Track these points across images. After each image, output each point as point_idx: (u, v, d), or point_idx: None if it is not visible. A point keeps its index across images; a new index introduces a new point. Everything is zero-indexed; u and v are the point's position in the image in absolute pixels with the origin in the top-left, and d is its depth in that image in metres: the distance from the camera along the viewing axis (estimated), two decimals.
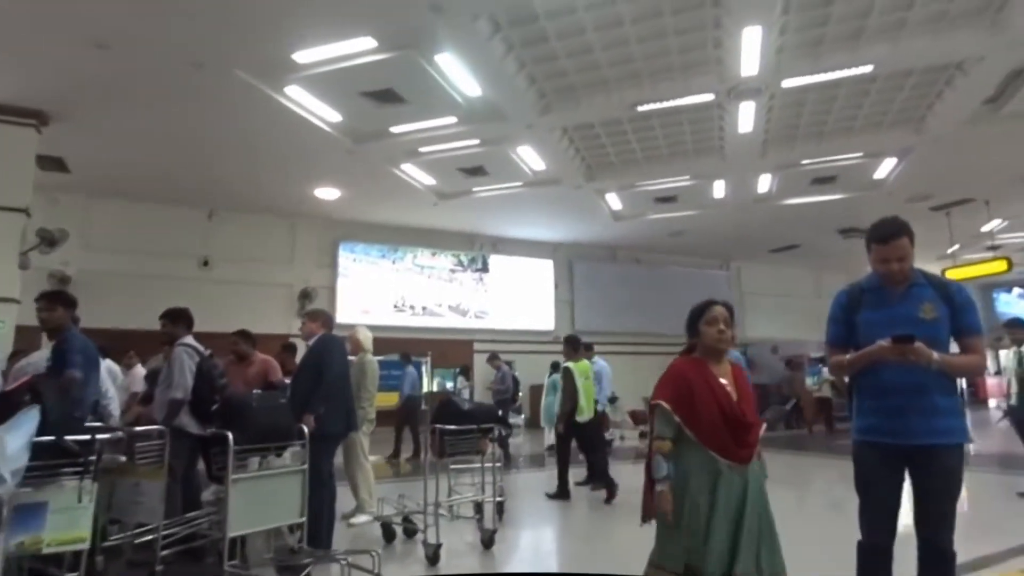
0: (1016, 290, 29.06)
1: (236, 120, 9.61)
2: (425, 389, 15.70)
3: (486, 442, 4.85)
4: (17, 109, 9.34)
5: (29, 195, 9.55)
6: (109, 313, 13.09)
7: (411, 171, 12.06)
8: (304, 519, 4.18)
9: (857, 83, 9.22)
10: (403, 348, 15.93)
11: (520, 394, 15.91)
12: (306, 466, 4.24)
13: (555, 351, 17.63)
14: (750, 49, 7.81)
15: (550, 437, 10.62)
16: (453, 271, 16.70)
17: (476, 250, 17.06)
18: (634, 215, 15.01)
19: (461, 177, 12.36)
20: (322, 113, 9.39)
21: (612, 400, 11.62)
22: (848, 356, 2.72)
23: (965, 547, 2.76)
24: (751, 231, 16.77)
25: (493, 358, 10.58)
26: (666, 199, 13.92)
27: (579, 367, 6.73)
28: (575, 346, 7.04)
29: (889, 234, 2.64)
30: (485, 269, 17.07)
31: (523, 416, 15.96)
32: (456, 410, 4.81)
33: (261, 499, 3.92)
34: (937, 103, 9.98)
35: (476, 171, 12.02)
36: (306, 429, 4.38)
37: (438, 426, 4.78)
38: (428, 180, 12.57)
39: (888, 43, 8.14)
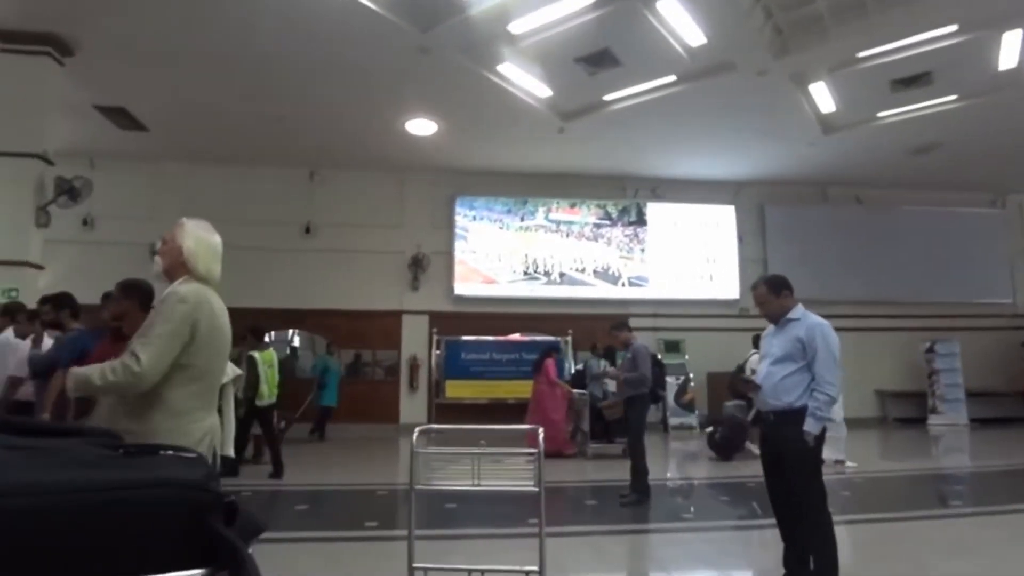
0: None
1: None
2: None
3: None
4: (23, 35, 7.71)
5: (43, 137, 8.05)
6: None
7: (514, 76, 8.68)
8: None
9: None
10: (536, 324, 12.75)
11: (691, 384, 11.84)
12: None
13: (744, 327, 13.31)
14: None
15: None
16: (599, 226, 13.00)
17: (628, 198, 13.16)
18: (856, 120, 10.12)
19: (584, 76, 8.67)
20: None
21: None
22: None
23: None
24: None
25: (619, 328, 6.58)
26: (911, 80, 8.92)
27: (264, 356, 7.12)
28: (259, 335, 7.47)
29: None
30: (641, 222, 13.11)
31: (696, 414, 11.83)
32: None
33: None
34: None
35: (602, 60, 8.26)
36: None
37: None
38: (541, 90, 9.08)
39: None
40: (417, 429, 3.49)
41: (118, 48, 8.04)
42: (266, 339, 8.22)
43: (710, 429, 8.74)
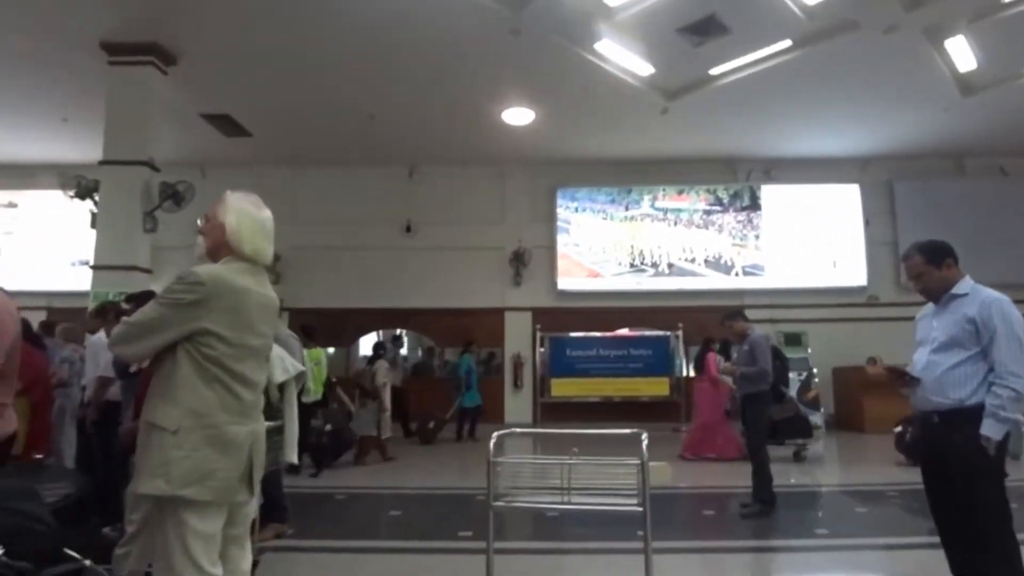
0: None
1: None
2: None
3: None
4: (127, 46, 8.05)
5: (149, 145, 8.34)
6: (319, 292, 12.13)
7: (612, 53, 8.33)
8: None
9: None
10: (644, 319, 12.23)
11: (815, 380, 10.90)
12: None
13: (873, 316, 12.22)
14: None
15: None
16: (708, 213, 12.33)
17: (740, 181, 12.41)
18: (1001, 78, 8.95)
19: (688, 49, 8.18)
20: None
21: None
22: None
23: None
24: None
25: (734, 317, 5.87)
26: None
27: (311, 354, 7.04)
28: (309, 334, 7.32)
29: None
30: (755, 207, 12.31)
31: (822, 412, 10.87)
32: None
33: None
34: None
35: (708, 28, 7.74)
36: None
37: None
38: (642, 67, 8.68)
39: None
40: (495, 435, 3.09)
41: (217, 54, 8.34)
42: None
43: (899, 429, 7.48)
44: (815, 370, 11.30)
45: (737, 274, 12.12)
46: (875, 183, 12.28)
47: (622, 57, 8.42)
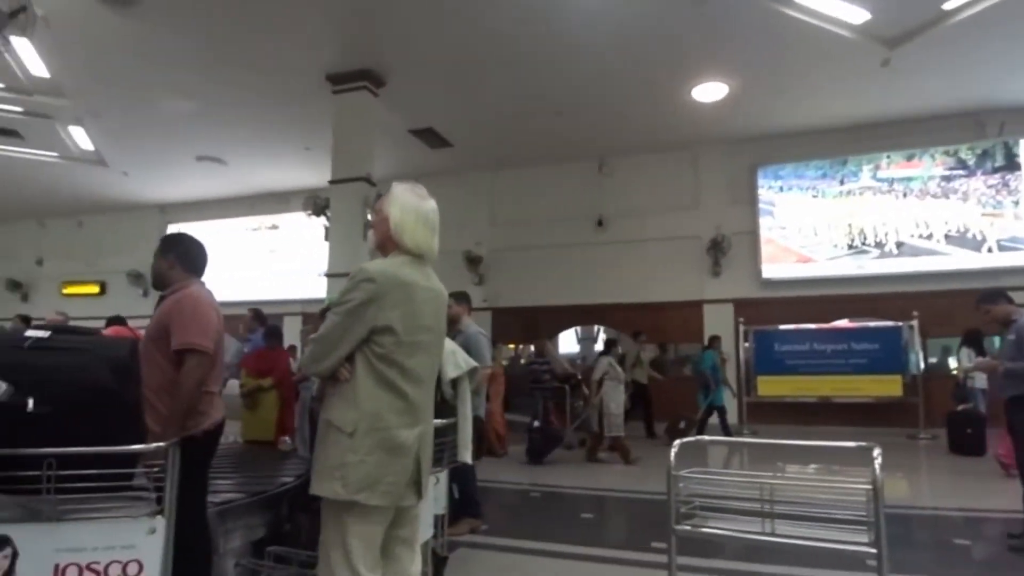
0: None
1: None
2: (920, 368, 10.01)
3: None
4: (345, 75, 8.93)
5: (366, 162, 9.08)
6: (517, 291, 12.72)
7: (815, 3, 7.27)
8: None
9: None
10: (867, 307, 10.63)
11: None
12: None
13: None
14: None
15: None
16: (948, 179, 10.38)
17: (991, 137, 10.25)
18: None
19: None
20: None
21: None
22: None
23: None
24: None
25: (992, 299, 4.60)
26: None
27: None
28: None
29: None
30: (1012, 166, 10.10)
31: None
32: None
33: None
34: None
35: None
36: None
37: None
38: (854, 14, 7.46)
39: None
40: (677, 443, 2.78)
41: (417, 73, 8.89)
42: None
43: None
44: None
45: (990, 250, 10.04)
46: None
47: (828, 6, 7.30)
